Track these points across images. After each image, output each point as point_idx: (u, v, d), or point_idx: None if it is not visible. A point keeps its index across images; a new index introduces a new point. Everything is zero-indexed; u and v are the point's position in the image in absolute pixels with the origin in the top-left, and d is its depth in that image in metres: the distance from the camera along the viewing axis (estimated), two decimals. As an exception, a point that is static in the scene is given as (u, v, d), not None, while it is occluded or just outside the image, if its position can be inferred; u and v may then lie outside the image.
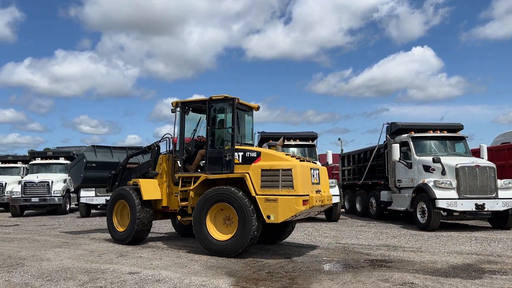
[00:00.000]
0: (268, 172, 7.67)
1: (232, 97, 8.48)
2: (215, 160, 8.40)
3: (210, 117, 8.72)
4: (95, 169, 11.13)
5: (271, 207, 7.48)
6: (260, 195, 7.62)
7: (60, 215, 18.84)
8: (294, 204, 7.34)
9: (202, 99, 8.92)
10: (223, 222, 8.08)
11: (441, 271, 6.55)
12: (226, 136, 8.61)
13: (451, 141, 13.49)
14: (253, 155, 8.04)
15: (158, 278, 6.13)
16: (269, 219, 7.50)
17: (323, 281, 5.95)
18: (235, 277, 6.19)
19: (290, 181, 7.46)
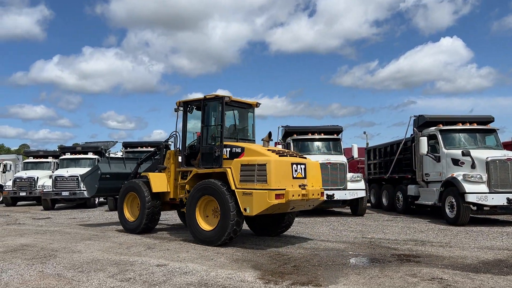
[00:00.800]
0: (247, 167, 8.09)
1: (222, 95, 8.99)
2: (207, 156, 8.99)
3: (205, 115, 9.29)
4: (109, 179, 11.75)
5: (247, 200, 7.87)
6: (239, 188, 8.05)
7: (89, 208, 19.34)
8: (267, 198, 7.64)
9: (199, 98, 9.43)
10: (212, 213, 8.63)
11: (471, 267, 6.40)
12: (216, 133, 9.05)
13: (481, 133, 13.12)
14: (238, 150, 8.52)
15: (185, 270, 6.22)
16: (246, 211, 7.91)
17: (349, 275, 5.91)
18: (261, 270, 6.22)
19: (264, 176, 7.79)
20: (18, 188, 21.06)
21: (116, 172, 11.95)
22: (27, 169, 22.88)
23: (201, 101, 9.31)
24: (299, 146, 15.44)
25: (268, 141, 9.65)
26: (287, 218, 9.46)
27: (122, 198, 10.58)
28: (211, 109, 9.31)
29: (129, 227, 10.31)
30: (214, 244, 8.19)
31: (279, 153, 8.49)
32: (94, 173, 11.93)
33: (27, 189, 21.05)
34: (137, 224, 10.07)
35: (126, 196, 10.50)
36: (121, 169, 12.23)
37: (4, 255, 7.57)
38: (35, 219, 14.77)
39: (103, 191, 12.06)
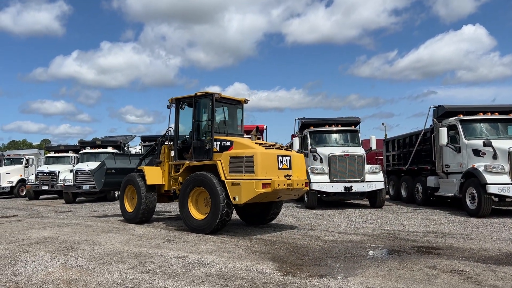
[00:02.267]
0: (235, 159, 8.65)
1: (212, 92, 9.52)
2: (199, 149, 9.55)
3: (196, 110, 9.80)
4: (115, 174, 12.49)
5: (236, 189, 8.46)
6: (228, 179, 8.64)
7: (109, 201, 19.66)
8: (254, 187, 8.22)
9: (190, 96, 9.97)
10: (204, 203, 9.18)
11: (493, 259, 6.29)
12: (208, 128, 9.57)
13: (503, 123, 12.82)
14: (227, 144, 9.07)
15: (204, 262, 6.28)
16: (235, 200, 8.49)
17: (368, 267, 5.88)
18: (279, 262, 6.23)
19: (252, 167, 8.37)
20: (41, 182, 21.54)
21: (121, 167, 12.69)
22: (48, 164, 23.36)
23: (192, 98, 9.85)
24: (316, 138, 15.36)
25: (256, 135, 10.11)
26: (274, 207, 10.07)
27: (122, 191, 11.32)
28: (202, 105, 9.86)
29: (128, 217, 11.04)
30: (205, 232, 8.77)
31: (266, 146, 9.09)
32: (101, 169, 12.69)
33: (49, 183, 21.51)
34: (134, 214, 10.80)
35: (126, 188, 11.22)
36: (126, 164, 13.00)
37: (28, 247, 7.77)
38: (57, 212, 15.10)
39: (109, 185, 12.88)
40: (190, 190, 9.20)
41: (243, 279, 5.36)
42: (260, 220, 10.29)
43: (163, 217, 12.70)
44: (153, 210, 10.89)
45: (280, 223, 10.68)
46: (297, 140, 14.86)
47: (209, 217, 8.78)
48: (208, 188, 8.78)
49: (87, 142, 22.77)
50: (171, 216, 12.83)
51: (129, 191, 11.24)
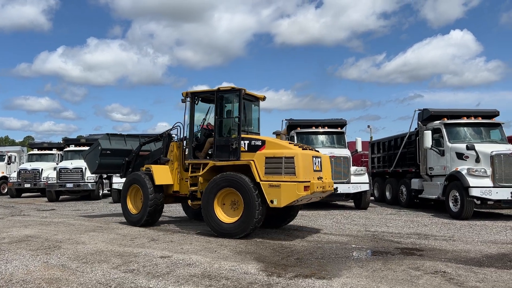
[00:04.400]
0: (272, 159, 8.16)
1: (239, 88, 8.92)
2: (222, 148, 8.90)
3: (218, 107, 9.15)
4: (110, 156, 11.62)
5: (274, 192, 7.97)
6: (264, 181, 8.11)
7: (93, 200, 19.44)
8: (296, 190, 7.82)
9: (211, 90, 9.38)
10: (230, 206, 8.58)
11: (474, 260, 6.40)
12: (233, 125, 9.03)
13: (486, 128, 13.05)
14: (258, 143, 8.54)
15: (188, 262, 6.25)
16: (273, 203, 7.99)
17: (353, 268, 5.92)
18: (264, 263, 6.24)
19: (292, 168, 7.93)
20: (23, 179, 21.21)
21: (116, 149, 11.80)
22: (31, 161, 23.01)
23: (214, 93, 9.19)
24: (302, 140, 15.41)
25: (285, 135, 9.76)
26: (293, 209, 9.64)
27: (125, 191, 10.47)
28: (225, 101, 9.24)
29: (132, 219, 10.24)
30: (235, 236, 8.17)
31: (301, 146, 8.74)
32: (95, 149, 11.82)
33: (32, 180, 21.20)
34: (139, 217, 10.00)
35: (130, 188, 10.39)
36: (121, 145, 12.04)
37: (9, 245, 7.62)
38: (39, 210, 14.86)
39: (103, 167, 11.97)
40: (217, 192, 8.52)
41: (228, 279, 5.35)
42: (276, 223, 9.82)
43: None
44: (160, 212, 10.24)
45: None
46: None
47: (241, 221, 8.17)
48: (241, 190, 8.19)
49: (71, 140, 22.50)
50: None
51: (133, 191, 10.39)
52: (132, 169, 11.55)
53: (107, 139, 11.92)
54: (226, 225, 8.36)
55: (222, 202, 8.63)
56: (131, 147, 11.92)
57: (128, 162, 11.73)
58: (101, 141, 11.76)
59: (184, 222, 11.16)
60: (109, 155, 11.63)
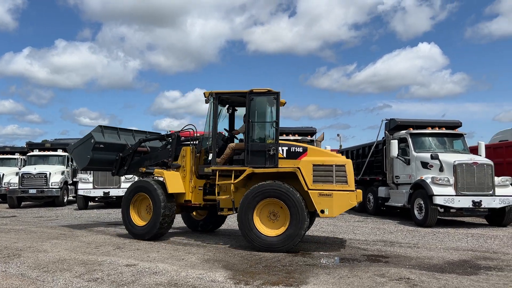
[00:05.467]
0: (321, 167, 7.84)
1: (275, 91, 8.40)
2: (256, 154, 8.27)
3: (250, 110, 8.45)
4: (103, 150, 10.40)
5: (325, 201, 7.68)
6: (313, 189, 7.74)
7: (58, 207, 18.83)
8: (349, 199, 7.65)
9: (241, 92, 8.67)
10: (268, 217, 8.02)
11: (437, 267, 6.57)
12: (267, 130, 8.61)
13: (449, 138, 13.49)
14: (299, 150, 8.15)
15: (155, 270, 6.13)
16: (323, 213, 7.71)
17: (320, 275, 5.97)
18: (232, 270, 6.20)
19: (345, 177, 7.73)
20: (-18, 185, 20.30)
21: (110, 143, 10.56)
22: (-8, 166, 22.07)
23: (245, 95, 8.48)
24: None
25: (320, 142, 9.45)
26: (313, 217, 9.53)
27: (128, 199, 9.17)
28: (258, 103, 8.60)
29: (137, 232, 8.99)
30: (280, 250, 7.65)
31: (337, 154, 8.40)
32: (86, 143, 10.46)
33: (-8, 186, 20.31)
34: (148, 229, 8.78)
35: (133, 197, 9.13)
36: (115, 139, 10.79)
37: (-35, 254, 7.28)
38: (-1, 217, 14.27)
39: (96, 163, 10.58)
40: (257, 203, 7.89)
41: (195, 287, 5.28)
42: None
43: (116, 223, 12.31)
44: (171, 224, 9.09)
45: (235, 230, 10.64)
46: None
47: (287, 234, 7.64)
48: (287, 201, 7.68)
49: (35, 144, 21.76)
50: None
51: (138, 200, 9.18)
52: (127, 167, 10.60)
53: (100, 132, 10.58)
54: (270, 238, 7.77)
55: (260, 213, 8.02)
56: (125, 142, 10.79)
57: (123, 159, 10.66)
58: (94, 133, 10.41)
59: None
60: (102, 150, 10.38)
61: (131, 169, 10.61)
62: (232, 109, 9.86)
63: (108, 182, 17.44)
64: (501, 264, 6.84)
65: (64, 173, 19.61)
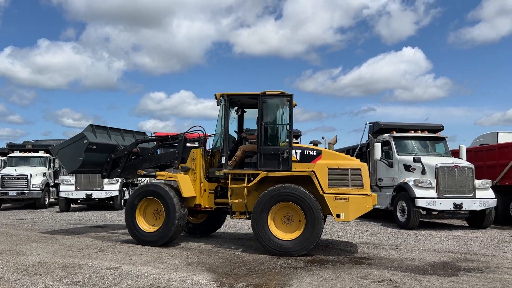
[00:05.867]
0: (336, 171, 7.79)
1: (288, 93, 8.29)
2: (270, 157, 8.13)
3: (262, 112, 8.31)
4: (94, 151, 9.70)
5: (341, 205, 7.62)
6: (329, 193, 7.69)
7: (39, 209, 18.50)
8: (365, 203, 7.61)
9: (253, 94, 8.54)
10: (282, 220, 7.91)
11: (419, 269, 6.65)
12: (280, 133, 8.47)
13: (431, 141, 13.68)
14: (313, 153, 8.06)
15: (137, 273, 6.07)
16: (339, 217, 7.64)
17: (303, 277, 5.99)
18: (216, 273, 6.17)
19: (360, 180, 7.69)
20: (-39, 186, 19.81)
21: (103, 143, 9.87)
22: (-29, 167, 21.58)
23: (258, 97, 8.32)
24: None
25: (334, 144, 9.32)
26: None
27: (134, 203, 8.67)
28: (271, 106, 8.48)
29: (145, 238, 8.52)
30: (295, 254, 7.54)
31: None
32: (77, 143, 9.63)
33: (-29, 188, 19.84)
34: (160, 236, 8.36)
35: (141, 201, 8.66)
36: (106, 139, 10.13)
37: None
38: (-22, 219, 13.94)
39: (87, 165, 9.80)
40: (271, 206, 7.76)
41: (177, 290, 5.24)
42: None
43: (98, 225, 12.15)
44: (183, 228, 8.91)
45: (220, 233, 10.60)
46: None
47: (303, 237, 7.55)
48: (303, 205, 7.57)
49: (16, 145, 21.34)
50: (105, 225, 12.31)
51: (145, 204, 8.72)
52: (121, 169, 9.99)
53: (92, 131, 9.87)
54: (284, 242, 7.66)
55: (274, 217, 7.90)
56: (116, 142, 10.20)
57: (115, 161, 10.03)
58: (87, 133, 9.69)
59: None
60: (94, 151, 9.67)
61: (125, 171, 10.07)
62: (241, 111, 9.71)
63: (91, 184, 17.22)
64: (480, 266, 6.96)
65: (45, 174, 19.29)
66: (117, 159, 10.03)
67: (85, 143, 9.49)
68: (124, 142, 10.42)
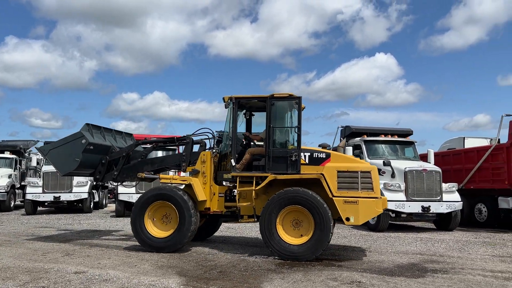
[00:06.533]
0: (346, 173, 7.69)
1: (297, 96, 8.22)
2: (278, 160, 8.03)
3: (271, 115, 8.24)
4: (91, 152, 9.15)
5: (351, 209, 7.53)
6: (338, 197, 7.59)
7: (4, 212, 17.85)
8: (375, 207, 7.52)
9: (261, 96, 8.47)
10: (290, 225, 7.79)
11: (387, 270, 6.78)
12: (289, 135, 8.41)
13: (401, 145, 13.99)
14: (322, 156, 7.96)
15: (105, 277, 5.94)
16: (348, 221, 7.55)
17: (274, 280, 6.00)
18: (186, 277, 6.11)
19: (370, 183, 7.60)
20: None
21: (100, 144, 9.33)
22: None
23: (266, 99, 8.26)
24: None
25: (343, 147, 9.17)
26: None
27: (143, 208, 8.26)
28: (279, 108, 8.41)
29: (156, 245, 8.12)
30: (305, 260, 7.43)
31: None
32: (73, 143, 9.01)
33: None
34: (173, 242, 8.04)
35: (149, 206, 8.29)
36: (101, 140, 9.56)
37: None
38: None
39: (83, 167, 9.19)
40: (280, 210, 7.66)
41: (146, 294, 5.16)
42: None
43: (66, 229, 11.83)
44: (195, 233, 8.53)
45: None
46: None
47: (312, 242, 7.42)
48: (311, 208, 7.46)
49: (-20, 146, 20.57)
50: (73, 228, 12.00)
51: (154, 208, 8.34)
52: (118, 172, 9.50)
53: (88, 131, 9.24)
54: (293, 247, 7.55)
55: (283, 220, 7.78)
56: (110, 143, 9.72)
57: (110, 163, 9.56)
58: (85, 132, 9.10)
59: (105, 234, 10.61)
60: (91, 152, 9.13)
61: (122, 174, 9.57)
62: (250, 113, 9.58)
63: (59, 186, 16.74)
64: (446, 267, 7.16)
65: (11, 176, 18.66)
66: (112, 161, 9.58)
67: (83, 143, 8.91)
68: (116, 143, 9.95)
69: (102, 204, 20.57)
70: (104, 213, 17.90)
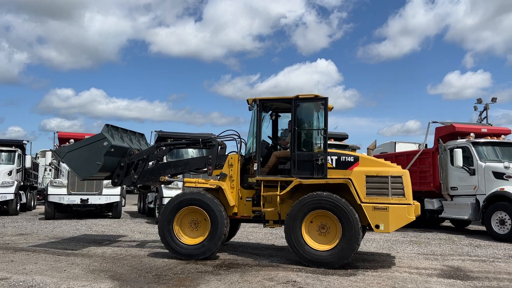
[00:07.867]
0: (375, 178, 7.33)
1: (323, 96, 7.85)
2: (303, 164, 7.69)
3: (296, 117, 7.90)
4: (112, 155, 8.56)
5: (380, 216, 7.18)
6: (367, 203, 7.24)
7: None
8: (406, 213, 7.14)
9: (286, 97, 8.16)
10: (316, 230, 7.47)
11: (321, 270, 6.98)
12: (315, 138, 8.06)
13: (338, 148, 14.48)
14: (350, 159, 7.59)
15: (30, 284, 5.59)
16: (378, 228, 7.22)
17: (211, 281, 5.97)
18: (119, 281, 5.91)
19: (401, 189, 7.23)
20: None
21: (119, 146, 8.72)
22: None
23: (291, 101, 7.91)
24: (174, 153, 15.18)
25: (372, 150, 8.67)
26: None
27: (172, 213, 7.91)
28: (304, 110, 8.06)
29: (186, 252, 7.74)
30: (332, 267, 7.08)
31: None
32: (94, 145, 8.37)
33: None
34: (205, 249, 7.66)
35: (179, 211, 7.94)
36: (120, 142, 8.92)
37: None
38: None
39: (102, 170, 8.53)
40: (305, 215, 7.32)
41: (75, 300, 4.92)
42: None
43: (-14, 233, 10.98)
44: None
45: (126, 239, 10.19)
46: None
47: (339, 248, 7.08)
48: (340, 214, 7.10)
49: None
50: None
51: (184, 214, 7.98)
52: (139, 175, 8.88)
53: (108, 132, 8.63)
54: (320, 253, 7.21)
55: (308, 226, 7.45)
56: (128, 145, 9.08)
57: (129, 166, 8.92)
58: (107, 134, 8.48)
59: (32, 238, 9.97)
60: (113, 154, 8.53)
61: (143, 177, 8.97)
62: (276, 115, 9.22)
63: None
64: (376, 265, 7.52)
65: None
66: (131, 164, 8.97)
67: (105, 145, 8.29)
68: (132, 145, 9.32)
69: (31, 206, 19.37)
70: (32, 215, 16.85)
